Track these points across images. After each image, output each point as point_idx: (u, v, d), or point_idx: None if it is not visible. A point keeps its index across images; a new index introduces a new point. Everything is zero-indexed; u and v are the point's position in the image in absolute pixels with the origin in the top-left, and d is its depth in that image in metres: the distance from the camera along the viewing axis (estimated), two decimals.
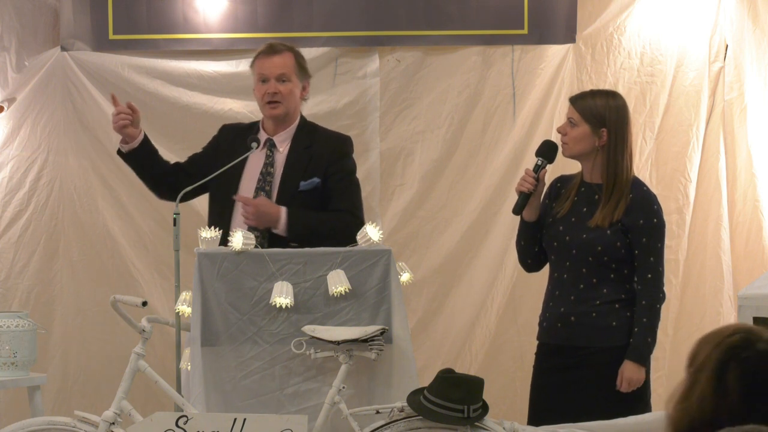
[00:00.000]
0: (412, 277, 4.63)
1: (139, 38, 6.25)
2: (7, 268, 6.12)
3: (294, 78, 4.96)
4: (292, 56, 4.98)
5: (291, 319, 4.46)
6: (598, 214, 4.56)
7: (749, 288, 4.90)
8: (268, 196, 4.88)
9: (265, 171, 4.93)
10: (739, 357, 2.28)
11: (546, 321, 4.68)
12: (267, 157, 4.94)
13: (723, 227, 6.20)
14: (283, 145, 4.97)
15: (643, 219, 4.56)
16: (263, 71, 4.94)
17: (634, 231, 4.55)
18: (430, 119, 6.31)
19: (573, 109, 4.63)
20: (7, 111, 6.15)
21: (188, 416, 4.15)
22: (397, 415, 4.30)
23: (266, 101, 4.93)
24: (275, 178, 4.92)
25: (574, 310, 4.57)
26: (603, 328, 4.54)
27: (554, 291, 4.66)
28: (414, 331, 5.68)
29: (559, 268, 4.65)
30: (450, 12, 6.28)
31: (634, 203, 4.57)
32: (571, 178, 4.73)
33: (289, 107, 4.96)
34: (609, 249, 4.54)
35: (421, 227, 6.29)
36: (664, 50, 6.28)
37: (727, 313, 6.16)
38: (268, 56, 4.96)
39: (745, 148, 6.22)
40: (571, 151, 4.64)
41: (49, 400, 5.95)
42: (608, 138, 4.58)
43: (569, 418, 4.42)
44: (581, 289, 4.57)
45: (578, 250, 4.57)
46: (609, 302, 4.56)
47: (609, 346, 4.53)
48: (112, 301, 4.42)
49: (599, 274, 4.56)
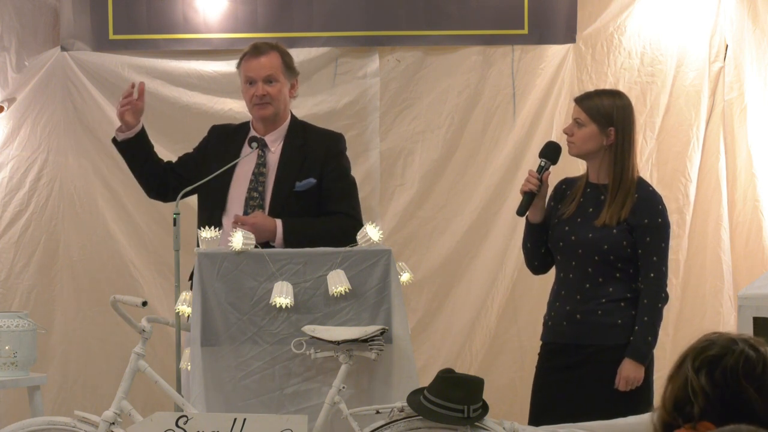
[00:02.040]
0: (412, 277, 4.63)
1: (139, 38, 6.25)
2: (7, 268, 6.12)
3: (282, 77, 4.89)
4: (278, 56, 4.90)
5: (291, 319, 4.46)
6: (604, 212, 4.58)
7: (749, 288, 4.90)
8: (260, 198, 4.83)
9: (258, 172, 4.86)
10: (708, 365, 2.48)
11: (551, 320, 4.69)
12: (259, 157, 4.87)
13: (723, 227, 6.21)
14: (275, 144, 4.91)
15: (648, 218, 4.57)
16: (250, 73, 4.87)
17: (638, 230, 4.56)
18: (430, 119, 6.31)
19: (579, 110, 4.64)
20: (7, 111, 6.15)
21: (188, 416, 4.15)
22: (397, 415, 4.30)
23: (255, 103, 4.89)
24: (268, 179, 4.85)
25: (580, 309, 4.58)
26: (608, 326, 4.55)
27: (560, 290, 4.67)
28: (414, 331, 5.68)
29: (565, 267, 4.66)
30: (450, 12, 6.28)
31: (639, 203, 4.59)
32: (576, 180, 4.74)
33: (279, 107, 4.89)
34: (615, 248, 4.56)
35: (421, 227, 6.29)
36: (664, 50, 6.28)
37: (727, 313, 6.16)
38: (254, 57, 4.88)
39: (745, 148, 6.22)
40: (578, 150, 4.66)
41: (49, 400, 5.94)
42: (616, 137, 4.60)
43: (572, 417, 4.42)
44: (587, 288, 4.58)
45: (584, 249, 4.58)
46: (615, 301, 4.57)
47: (614, 344, 4.54)
48: (112, 301, 4.42)
49: (605, 273, 4.57)
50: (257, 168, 4.87)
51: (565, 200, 4.71)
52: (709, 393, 2.44)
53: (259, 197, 4.83)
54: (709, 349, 2.47)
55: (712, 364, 2.45)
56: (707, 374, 2.45)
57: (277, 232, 4.72)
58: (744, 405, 2.41)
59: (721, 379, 2.43)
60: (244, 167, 4.88)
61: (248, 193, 4.85)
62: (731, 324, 6.05)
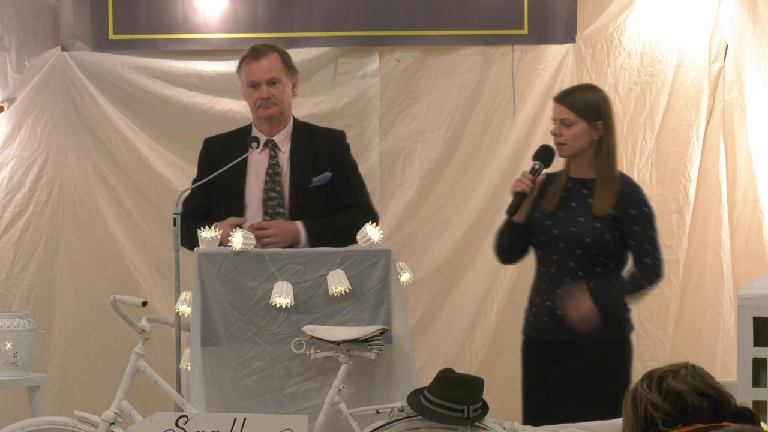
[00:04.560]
0: (412, 277, 4.63)
1: (139, 38, 6.25)
2: (7, 268, 6.12)
3: (284, 78, 4.91)
4: (279, 57, 4.92)
5: (291, 319, 4.46)
6: (597, 203, 4.60)
7: (749, 288, 4.89)
8: (280, 197, 4.85)
9: (273, 172, 4.89)
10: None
11: (532, 315, 4.73)
12: (271, 157, 4.90)
13: (723, 227, 6.21)
14: (284, 144, 4.94)
15: (633, 208, 4.62)
16: (253, 77, 4.88)
17: (625, 222, 4.61)
18: (430, 119, 6.31)
19: (565, 109, 4.65)
20: (7, 111, 6.15)
21: (188, 416, 4.15)
22: (397, 415, 4.30)
23: (259, 105, 4.89)
24: (284, 178, 4.89)
25: (560, 304, 4.61)
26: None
27: (540, 285, 4.71)
28: (414, 331, 5.68)
29: (546, 262, 4.69)
30: (450, 12, 6.28)
31: (623, 194, 4.63)
32: (556, 176, 4.77)
33: (284, 107, 4.92)
34: (598, 241, 4.59)
35: (421, 227, 6.30)
36: (664, 50, 6.28)
37: (727, 313, 6.17)
38: (255, 61, 4.89)
39: (745, 148, 6.22)
40: (570, 150, 4.67)
41: (49, 400, 5.95)
42: (604, 129, 4.64)
43: (562, 409, 4.48)
44: (568, 283, 4.61)
45: (567, 243, 4.62)
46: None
47: (596, 338, 4.57)
48: (112, 301, 4.42)
49: (586, 267, 4.61)
50: (271, 168, 4.90)
51: (546, 195, 4.73)
52: (666, 402, 2.66)
53: (278, 196, 4.86)
54: (656, 372, 2.73)
55: (661, 378, 2.69)
56: (657, 386, 2.68)
57: (301, 234, 4.77)
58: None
59: (674, 385, 2.68)
60: (256, 169, 4.90)
61: (265, 194, 4.87)
62: (731, 324, 6.05)
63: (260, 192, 4.87)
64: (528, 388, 4.74)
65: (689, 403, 2.65)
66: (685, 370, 2.70)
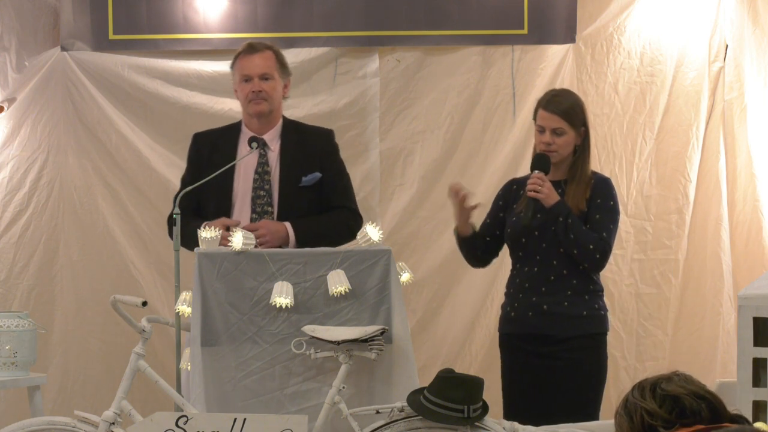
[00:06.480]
0: (412, 277, 4.64)
1: (139, 38, 6.25)
2: (7, 268, 6.12)
3: (276, 76, 4.97)
4: (273, 55, 4.99)
5: (291, 319, 4.46)
6: (571, 202, 4.71)
7: (749, 288, 4.90)
8: (268, 196, 4.88)
9: (262, 171, 4.92)
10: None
11: (514, 311, 4.81)
12: (261, 156, 4.93)
13: (723, 227, 6.21)
14: (274, 143, 4.97)
15: (600, 198, 4.75)
16: (246, 71, 4.94)
17: (591, 209, 4.73)
18: (430, 119, 6.31)
19: (558, 119, 4.76)
20: (7, 111, 6.15)
21: (188, 416, 4.15)
22: (397, 415, 4.30)
23: (250, 99, 4.93)
24: (273, 176, 4.92)
25: (546, 300, 4.73)
26: (574, 317, 4.72)
27: (524, 284, 4.80)
28: (414, 331, 5.68)
29: (528, 261, 4.79)
30: (450, 12, 6.28)
31: (594, 188, 4.77)
32: (525, 180, 4.83)
33: (274, 104, 4.96)
34: None
35: (421, 227, 6.30)
36: (664, 50, 6.28)
37: (727, 313, 6.16)
38: (249, 55, 4.96)
39: (745, 148, 6.22)
40: (559, 158, 4.80)
41: (49, 400, 5.95)
42: (585, 133, 4.80)
43: (543, 403, 4.61)
44: (552, 281, 4.73)
45: (548, 243, 4.72)
46: (579, 293, 4.72)
47: (579, 334, 4.70)
48: (112, 301, 4.42)
49: (569, 265, 4.72)
50: (260, 167, 4.92)
51: (519, 200, 4.82)
52: (662, 408, 2.69)
53: (266, 195, 4.89)
54: (646, 381, 2.76)
55: (654, 385, 2.72)
56: (651, 393, 2.71)
57: (290, 234, 4.81)
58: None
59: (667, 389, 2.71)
60: (245, 167, 4.91)
61: (254, 192, 4.89)
62: (731, 324, 6.05)
63: (249, 190, 4.90)
64: (510, 383, 4.83)
65: (687, 407, 2.66)
66: (677, 376, 2.73)
